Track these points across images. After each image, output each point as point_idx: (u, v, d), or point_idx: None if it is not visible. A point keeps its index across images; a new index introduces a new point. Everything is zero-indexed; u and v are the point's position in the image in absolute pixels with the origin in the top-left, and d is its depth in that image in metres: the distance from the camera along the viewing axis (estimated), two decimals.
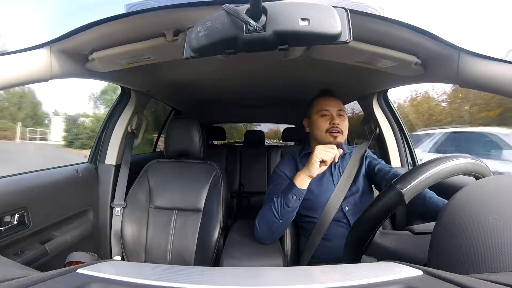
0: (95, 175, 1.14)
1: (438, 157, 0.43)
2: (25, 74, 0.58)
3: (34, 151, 6.95)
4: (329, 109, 0.89)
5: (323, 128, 0.89)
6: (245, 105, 1.99)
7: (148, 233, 1.06)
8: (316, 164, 0.75)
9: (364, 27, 0.57)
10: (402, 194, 0.39)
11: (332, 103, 0.91)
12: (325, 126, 0.89)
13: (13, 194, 0.77)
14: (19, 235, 0.76)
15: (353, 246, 0.46)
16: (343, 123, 0.89)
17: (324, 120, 0.90)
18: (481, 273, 0.24)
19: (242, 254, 0.80)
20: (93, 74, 0.81)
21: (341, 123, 0.89)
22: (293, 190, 0.77)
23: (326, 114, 0.90)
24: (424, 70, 0.75)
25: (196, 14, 0.56)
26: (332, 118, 0.89)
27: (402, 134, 1.25)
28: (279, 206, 0.78)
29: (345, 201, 0.87)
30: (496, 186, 0.34)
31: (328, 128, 0.88)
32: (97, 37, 0.65)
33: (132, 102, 1.19)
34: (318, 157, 0.75)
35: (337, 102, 0.92)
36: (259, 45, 0.43)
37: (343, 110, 0.91)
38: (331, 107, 0.90)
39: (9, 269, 0.29)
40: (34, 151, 6.90)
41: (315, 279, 0.28)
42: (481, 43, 1.20)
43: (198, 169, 1.13)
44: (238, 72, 1.17)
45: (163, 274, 0.33)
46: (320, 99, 0.93)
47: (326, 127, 0.89)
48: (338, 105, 0.91)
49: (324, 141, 0.90)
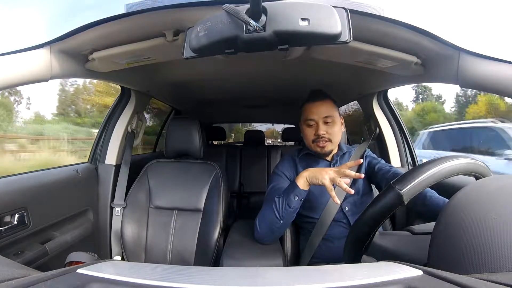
0: (95, 175, 1.14)
1: (437, 158, 0.43)
2: (25, 74, 0.58)
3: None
4: (314, 118, 0.86)
5: (309, 139, 0.88)
6: (245, 105, 1.99)
7: (148, 233, 1.06)
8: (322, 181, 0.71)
9: (364, 27, 0.57)
10: (401, 195, 0.39)
11: (317, 110, 0.86)
12: (311, 137, 0.88)
13: (13, 194, 0.76)
14: (19, 235, 0.76)
15: (353, 246, 0.46)
16: (330, 130, 0.86)
17: (310, 130, 0.88)
18: (481, 273, 0.24)
19: (242, 254, 0.80)
20: (93, 74, 0.81)
21: (328, 130, 0.86)
22: (295, 190, 0.76)
23: (311, 124, 0.87)
24: (424, 70, 0.75)
25: (196, 14, 0.56)
26: (317, 128, 0.86)
27: (402, 134, 1.25)
28: (280, 207, 0.77)
29: (345, 201, 0.86)
30: (496, 186, 0.34)
31: (314, 138, 0.87)
32: (97, 37, 0.65)
33: (132, 102, 1.19)
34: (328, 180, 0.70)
35: (325, 107, 0.87)
36: (259, 45, 0.43)
37: (331, 115, 0.86)
38: (316, 115, 0.86)
39: (9, 269, 0.29)
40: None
41: (315, 279, 0.28)
42: (481, 43, 1.19)
43: (198, 169, 1.13)
44: (238, 72, 1.17)
45: (163, 274, 0.33)
46: (307, 106, 0.90)
47: (312, 138, 0.87)
48: (325, 111, 0.86)
49: (312, 151, 0.90)
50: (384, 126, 1.24)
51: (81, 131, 7.87)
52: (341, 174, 0.69)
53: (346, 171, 0.69)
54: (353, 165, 0.72)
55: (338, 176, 0.69)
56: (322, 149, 0.87)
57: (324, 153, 0.89)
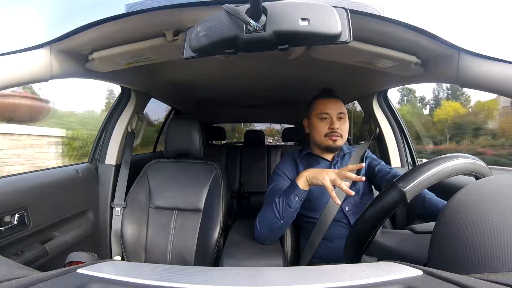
0: (95, 175, 1.14)
1: (439, 157, 0.43)
2: (25, 74, 0.58)
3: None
4: (329, 113, 0.87)
5: (322, 132, 0.88)
6: (245, 105, 1.99)
7: (148, 233, 1.06)
8: (322, 182, 0.71)
9: (364, 27, 0.57)
10: (404, 193, 0.39)
11: (332, 105, 0.89)
12: (324, 130, 0.88)
13: (13, 194, 0.77)
14: (19, 235, 0.76)
15: (353, 246, 0.46)
16: (343, 126, 0.88)
17: (324, 124, 0.88)
18: (481, 273, 0.24)
19: (242, 254, 0.80)
20: (93, 74, 0.81)
21: (341, 126, 0.87)
22: (295, 191, 0.76)
23: (326, 117, 0.88)
24: (424, 70, 0.75)
25: (196, 14, 0.56)
26: (331, 122, 0.87)
27: (402, 134, 1.25)
28: (280, 207, 0.77)
29: (345, 201, 0.86)
30: (496, 186, 0.34)
31: (327, 132, 0.87)
32: (97, 37, 0.65)
33: (132, 102, 1.19)
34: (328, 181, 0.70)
35: (338, 104, 0.90)
36: (259, 45, 0.43)
37: (344, 112, 0.89)
38: (331, 110, 0.88)
39: (9, 269, 0.29)
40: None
41: (315, 279, 0.28)
42: (481, 43, 1.21)
43: (198, 169, 1.13)
44: (238, 72, 1.17)
45: (163, 274, 0.33)
46: (320, 101, 0.91)
47: (325, 132, 0.87)
48: (338, 108, 0.88)
49: (323, 145, 0.89)
50: (384, 126, 1.24)
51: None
52: (341, 176, 0.69)
53: (347, 174, 0.68)
54: (355, 168, 0.71)
55: (339, 177, 0.69)
56: (334, 143, 0.87)
57: (335, 147, 0.88)
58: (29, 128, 3.08)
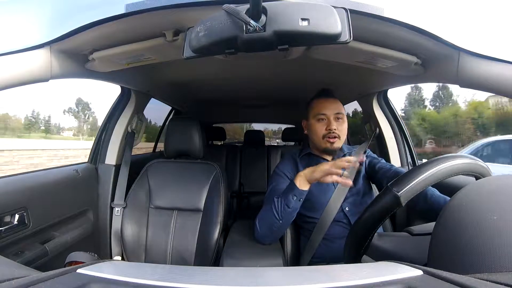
0: (95, 175, 1.14)
1: (436, 158, 0.43)
2: (25, 74, 0.58)
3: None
4: (326, 113, 0.87)
5: (319, 134, 0.88)
6: (245, 105, 1.99)
7: (148, 233, 1.06)
8: (320, 174, 0.73)
9: (364, 27, 0.57)
10: (398, 197, 0.39)
11: (330, 105, 0.88)
12: (321, 132, 0.87)
13: (13, 194, 0.76)
14: (19, 235, 0.76)
15: (352, 247, 0.46)
16: (340, 127, 0.87)
17: (321, 125, 0.88)
18: (481, 273, 0.24)
19: (242, 254, 0.80)
20: (93, 74, 0.81)
21: (338, 127, 0.86)
22: (293, 191, 0.76)
23: (323, 118, 0.87)
24: (424, 70, 0.75)
25: (196, 14, 0.56)
26: (329, 123, 0.86)
27: (402, 134, 1.25)
28: (279, 207, 0.77)
29: (346, 201, 0.86)
30: (496, 186, 0.34)
31: (325, 133, 0.87)
32: (97, 37, 0.64)
33: (132, 102, 1.19)
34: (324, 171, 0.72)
35: (336, 104, 0.89)
36: (259, 45, 0.43)
37: (342, 112, 0.89)
38: (328, 111, 0.87)
39: (9, 269, 0.29)
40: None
41: (315, 279, 0.28)
42: (481, 43, 1.20)
43: (198, 169, 1.13)
44: (238, 72, 1.17)
45: (163, 274, 0.33)
46: (318, 101, 0.91)
47: (323, 133, 0.87)
48: (336, 108, 0.88)
49: (321, 147, 0.89)
50: (384, 126, 1.24)
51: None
52: (337, 166, 0.70)
53: (343, 161, 0.70)
54: (355, 161, 0.72)
55: (334, 167, 0.70)
56: (332, 145, 0.87)
57: (333, 149, 0.88)
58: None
